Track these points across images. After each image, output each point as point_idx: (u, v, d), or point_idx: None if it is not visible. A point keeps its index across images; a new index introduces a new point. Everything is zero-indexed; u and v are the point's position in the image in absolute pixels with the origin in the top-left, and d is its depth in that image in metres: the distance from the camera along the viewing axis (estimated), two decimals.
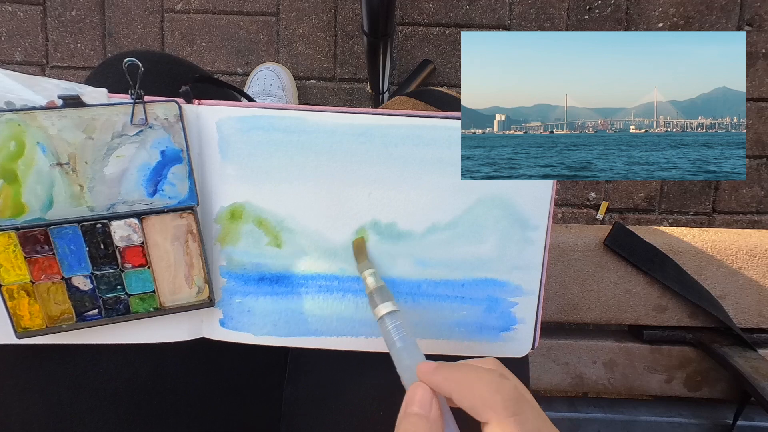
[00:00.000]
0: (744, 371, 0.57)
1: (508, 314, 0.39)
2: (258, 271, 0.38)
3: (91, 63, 1.15)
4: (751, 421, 0.65)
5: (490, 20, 1.13)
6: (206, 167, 0.37)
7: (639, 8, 1.12)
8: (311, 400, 0.44)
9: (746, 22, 1.13)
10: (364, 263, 0.37)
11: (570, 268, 0.63)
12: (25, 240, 0.34)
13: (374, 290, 0.35)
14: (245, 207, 0.37)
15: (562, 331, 0.68)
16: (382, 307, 0.34)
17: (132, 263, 0.36)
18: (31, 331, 0.36)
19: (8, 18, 1.13)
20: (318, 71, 1.15)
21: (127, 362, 0.38)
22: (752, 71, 1.13)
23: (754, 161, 1.16)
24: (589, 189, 1.17)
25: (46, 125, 0.33)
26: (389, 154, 0.37)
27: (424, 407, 0.28)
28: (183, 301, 0.37)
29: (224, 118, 0.36)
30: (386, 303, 0.34)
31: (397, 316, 0.34)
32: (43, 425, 0.38)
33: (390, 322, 0.33)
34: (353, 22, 1.13)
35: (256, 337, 0.38)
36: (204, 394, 0.41)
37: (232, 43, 1.14)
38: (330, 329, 0.39)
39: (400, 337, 0.32)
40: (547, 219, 0.38)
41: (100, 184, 0.35)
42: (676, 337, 0.64)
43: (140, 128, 0.35)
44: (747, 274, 0.63)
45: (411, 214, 0.38)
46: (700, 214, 1.17)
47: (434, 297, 0.38)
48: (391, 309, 0.34)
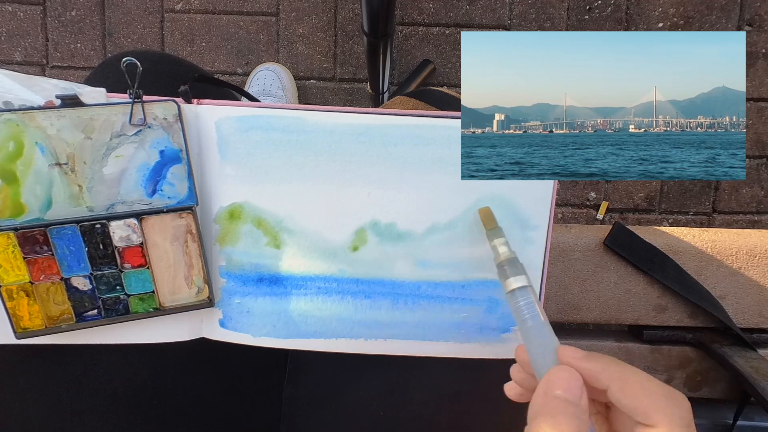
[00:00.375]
0: (744, 371, 0.57)
1: (509, 315, 0.39)
2: (257, 271, 0.38)
3: (91, 63, 1.15)
4: (751, 421, 0.65)
5: (490, 20, 1.13)
6: (205, 167, 0.37)
7: (639, 8, 1.12)
8: (311, 400, 0.44)
9: (746, 22, 1.13)
10: (494, 230, 0.35)
11: (570, 268, 0.63)
12: (24, 240, 0.34)
13: (506, 261, 0.33)
14: (244, 207, 0.37)
15: (562, 331, 0.68)
16: (514, 281, 0.32)
17: (131, 263, 0.36)
18: (31, 331, 0.36)
19: (8, 18, 1.13)
20: (318, 71, 1.15)
21: (127, 362, 0.38)
22: (752, 71, 1.13)
23: (754, 161, 1.16)
24: (589, 189, 1.16)
25: (45, 125, 0.33)
26: (389, 154, 0.37)
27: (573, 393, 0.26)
28: (182, 302, 0.37)
29: (223, 117, 0.36)
30: (519, 276, 0.32)
31: (528, 291, 0.32)
32: (43, 425, 0.38)
33: (522, 298, 0.32)
34: (353, 22, 1.13)
35: (255, 338, 0.38)
36: (204, 394, 0.41)
37: (232, 43, 1.14)
38: (329, 331, 0.38)
39: (533, 315, 0.31)
40: (548, 219, 0.38)
41: (99, 184, 0.35)
42: (676, 337, 0.64)
43: (139, 128, 0.35)
44: (747, 274, 0.63)
45: (411, 214, 0.38)
46: (700, 214, 1.17)
47: (434, 298, 0.38)
48: (523, 284, 0.32)
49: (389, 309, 0.38)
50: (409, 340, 0.39)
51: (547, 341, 0.30)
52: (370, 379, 0.42)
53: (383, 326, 0.39)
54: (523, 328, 0.31)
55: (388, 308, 0.38)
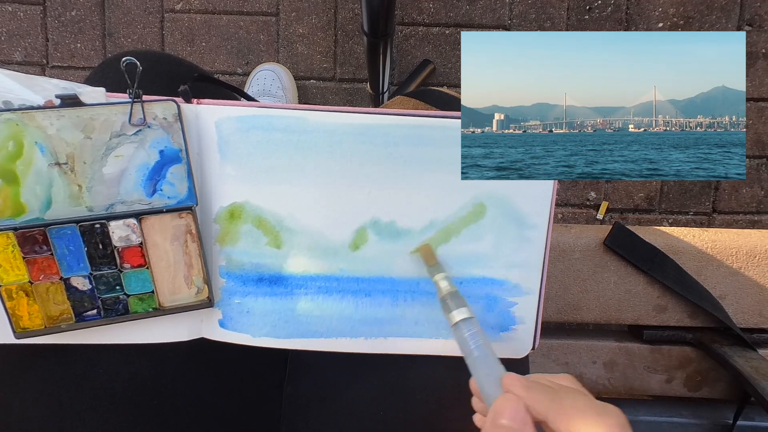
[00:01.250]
0: (744, 371, 0.57)
1: (507, 314, 0.39)
2: (257, 271, 0.38)
3: (91, 63, 1.14)
4: (751, 421, 0.65)
5: (490, 20, 1.13)
6: (205, 167, 0.37)
7: (639, 8, 1.12)
8: (311, 400, 0.44)
9: (746, 22, 1.13)
10: (434, 266, 0.36)
11: (570, 268, 0.63)
12: (23, 240, 0.34)
13: (448, 295, 0.35)
14: (244, 207, 0.37)
15: (562, 331, 0.68)
16: (457, 314, 0.33)
17: (131, 263, 0.36)
18: (30, 331, 0.36)
19: (8, 18, 1.13)
20: (318, 71, 1.15)
21: (127, 362, 0.38)
22: (752, 71, 1.13)
23: (754, 161, 1.16)
24: (589, 189, 1.16)
25: (45, 125, 0.33)
26: (389, 154, 0.37)
27: (518, 421, 0.27)
28: (182, 302, 0.37)
29: (223, 117, 0.36)
30: (461, 309, 0.34)
31: (472, 323, 0.33)
32: (43, 425, 0.38)
33: (466, 329, 0.33)
34: (353, 22, 1.13)
35: (254, 338, 0.38)
36: (204, 394, 0.41)
37: (232, 43, 1.14)
38: (329, 330, 0.38)
39: (477, 345, 0.32)
40: (548, 219, 0.38)
41: (99, 184, 0.35)
42: (676, 337, 0.64)
43: (139, 128, 0.35)
44: (747, 274, 0.63)
45: (411, 213, 0.38)
46: (700, 214, 1.17)
47: (433, 295, 0.38)
48: (466, 315, 0.33)
49: (389, 307, 0.38)
50: (409, 338, 0.39)
51: (493, 370, 0.31)
52: (370, 379, 0.42)
53: (383, 324, 0.39)
54: (469, 359, 0.32)
55: (389, 306, 0.38)
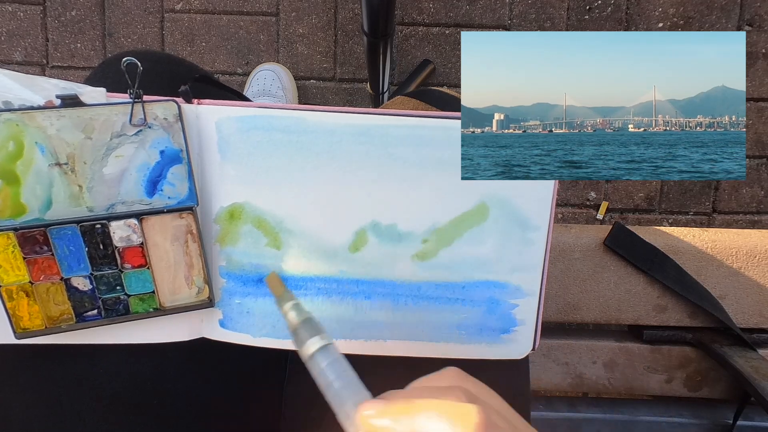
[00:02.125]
0: (744, 371, 0.57)
1: (508, 316, 0.39)
2: (257, 272, 0.38)
3: (91, 63, 1.15)
4: (751, 421, 0.65)
5: (490, 20, 1.13)
6: (206, 167, 0.37)
7: (639, 8, 1.12)
8: (311, 400, 0.44)
9: (746, 22, 1.13)
10: (282, 295, 0.31)
11: (570, 268, 0.63)
12: (24, 240, 0.34)
13: (299, 325, 0.29)
14: (244, 207, 0.37)
15: (562, 331, 0.68)
16: (310, 344, 0.28)
17: (131, 264, 0.36)
18: (31, 331, 0.36)
19: (8, 18, 1.13)
20: (318, 71, 1.15)
21: (127, 362, 0.38)
22: (752, 71, 1.13)
23: (754, 161, 1.16)
24: (589, 189, 1.16)
25: (45, 125, 0.33)
26: (389, 154, 0.37)
27: None
28: (183, 302, 0.37)
29: (224, 118, 0.36)
30: (314, 338, 0.28)
31: (330, 350, 0.28)
32: (43, 425, 0.38)
33: (323, 359, 0.27)
34: (353, 22, 1.13)
35: (254, 338, 0.38)
36: (204, 394, 0.41)
37: (232, 43, 1.14)
38: (329, 332, 0.38)
39: (338, 375, 0.27)
40: (548, 219, 0.38)
41: (99, 184, 0.35)
42: (676, 337, 0.64)
43: (139, 128, 0.35)
44: (747, 274, 0.63)
45: (411, 214, 0.38)
46: (700, 214, 1.17)
47: (434, 299, 0.38)
48: (320, 344, 0.28)
49: (389, 310, 0.38)
50: (409, 341, 0.39)
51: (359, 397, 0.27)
52: (369, 380, 0.42)
53: (383, 327, 0.38)
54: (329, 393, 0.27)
55: (389, 309, 0.38)
